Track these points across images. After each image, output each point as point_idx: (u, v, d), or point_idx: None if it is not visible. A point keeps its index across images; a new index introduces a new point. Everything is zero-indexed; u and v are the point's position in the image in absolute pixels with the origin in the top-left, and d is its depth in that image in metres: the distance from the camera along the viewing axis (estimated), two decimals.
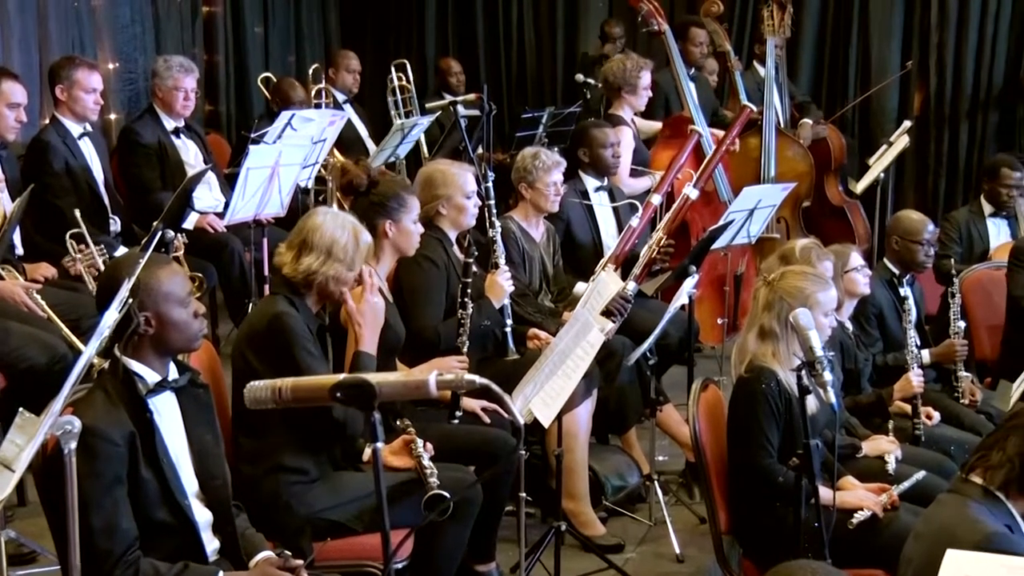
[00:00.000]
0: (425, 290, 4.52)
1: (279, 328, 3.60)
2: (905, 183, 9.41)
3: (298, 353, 3.58)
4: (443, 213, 4.70)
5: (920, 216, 5.33)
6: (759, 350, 3.86)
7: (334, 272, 3.70)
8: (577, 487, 4.77)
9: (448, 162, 4.98)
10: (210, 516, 3.15)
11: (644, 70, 6.55)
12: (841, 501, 3.75)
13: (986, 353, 5.83)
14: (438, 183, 4.70)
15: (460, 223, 4.74)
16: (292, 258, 3.71)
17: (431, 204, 4.67)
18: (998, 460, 2.78)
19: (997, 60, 9.16)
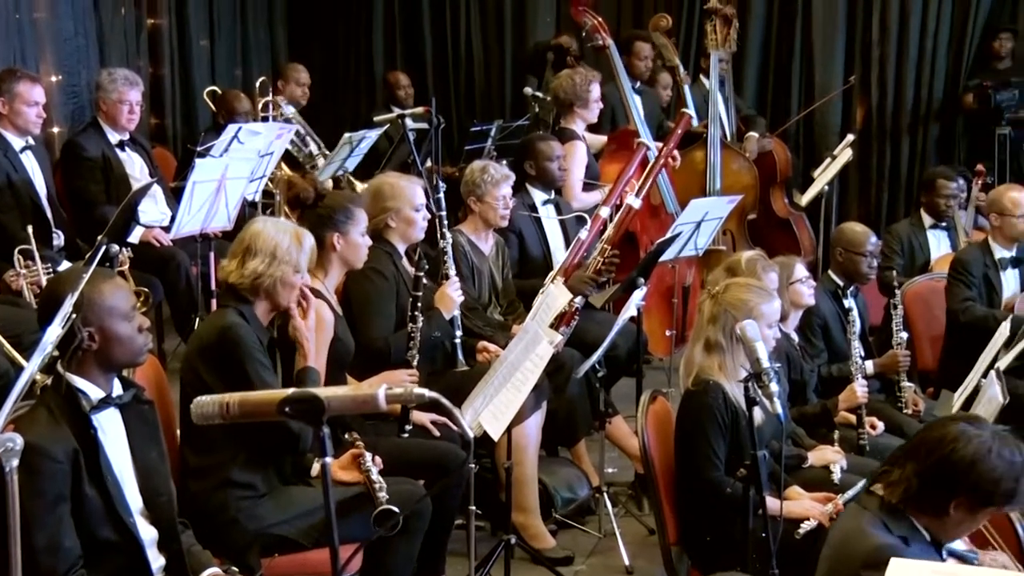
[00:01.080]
0: (374, 302, 4.50)
1: (230, 340, 3.57)
2: (849, 195, 9.51)
3: (250, 365, 3.55)
4: (392, 226, 4.68)
5: (863, 228, 5.39)
6: (705, 363, 3.88)
7: (280, 273, 3.68)
8: (527, 500, 4.77)
9: (397, 175, 4.97)
10: (155, 534, 3.11)
11: (594, 83, 6.58)
12: (788, 511, 3.78)
13: (928, 363, 5.91)
14: (387, 195, 4.69)
15: (409, 236, 4.72)
16: (237, 265, 3.70)
17: (380, 216, 4.65)
18: (898, 477, 2.80)
19: (936, 75, 9.30)
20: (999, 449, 2.70)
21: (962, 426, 2.76)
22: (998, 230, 5.71)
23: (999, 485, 2.70)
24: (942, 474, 2.72)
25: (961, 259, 5.78)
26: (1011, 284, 5.71)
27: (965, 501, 2.73)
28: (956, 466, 2.70)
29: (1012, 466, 2.70)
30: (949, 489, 2.72)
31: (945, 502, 2.74)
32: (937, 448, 2.74)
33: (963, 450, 2.70)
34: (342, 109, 10.46)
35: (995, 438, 2.73)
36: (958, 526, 2.80)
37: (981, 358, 4.66)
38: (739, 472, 3.40)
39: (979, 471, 2.69)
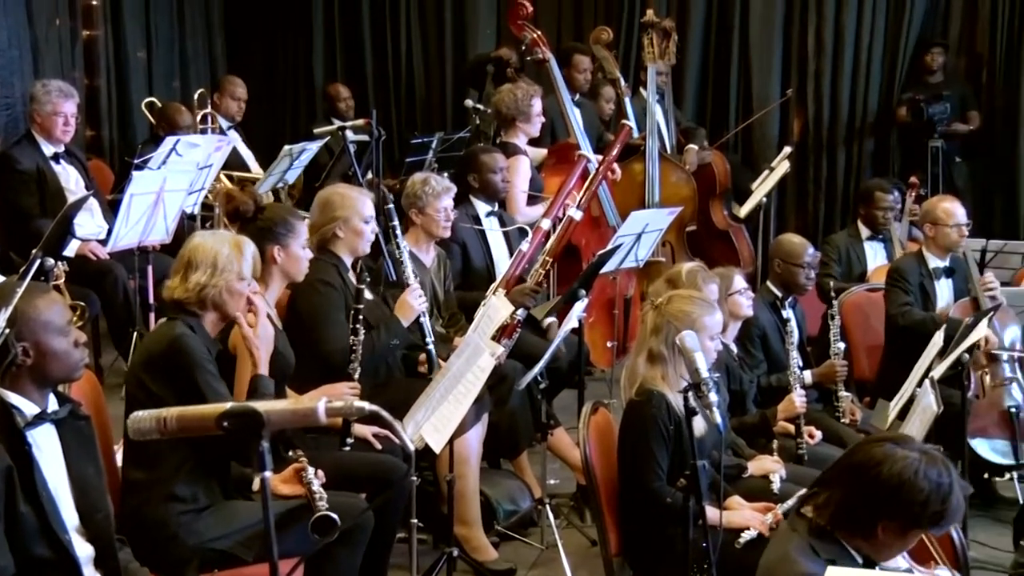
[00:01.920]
0: (326, 313, 4.48)
1: (179, 350, 3.54)
2: (786, 207, 9.63)
3: (200, 375, 3.52)
4: (340, 236, 4.66)
5: (800, 239, 5.46)
6: (648, 373, 3.91)
7: (224, 282, 3.66)
8: (469, 512, 4.76)
9: (347, 186, 4.96)
10: (91, 551, 3.07)
11: (535, 97, 6.60)
12: (728, 521, 3.80)
13: (865, 373, 5.99)
14: (336, 205, 4.67)
15: (356, 248, 4.70)
16: (180, 281, 3.68)
17: (328, 226, 4.64)
18: (825, 499, 2.79)
19: (871, 89, 9.44)
20: (926, 470, 2.67)
21: (888, 447, 2.73)
22: (932, 240, 5.79)
23: (926, 507, 2.67)
24: (868, 496, 2.70)
25: (898, 267, 5.87)
26: (945, 294, 5.78)
27: (892, 523, 2.71)
28: (882, 488, 2.67)
29: (939, 487, 2.67)
30: (876, 511, 2.70)
31: (872, 524, 2.71)
32: (863, 470, 2.72)
33: (889, 471, 2.67)
34: (282, 121, 10.41)
35: (922, 459, 2.70)
36: (889, 547, 2.78)
37: (916, 367, 4.72)
38: (680, 482, 3.42)
39: (905, 493, 2.66)
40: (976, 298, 5.60)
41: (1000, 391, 5.45)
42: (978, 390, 5.44)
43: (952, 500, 2.70)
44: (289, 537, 3.42)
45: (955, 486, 2.72)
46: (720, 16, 9.65)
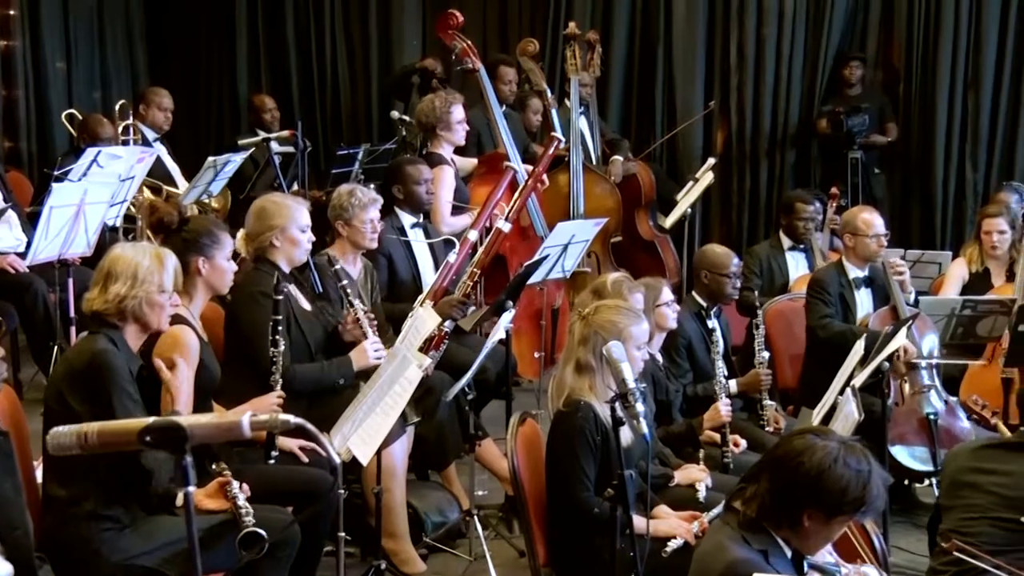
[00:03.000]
0: (266, 325, 4.42)
1: (99, 366, 3.49)
2: (711, 218, 9.72)
3: (116, 396, 3.46)
4: (276, 246, 4.63)
5: (725, 250, 5.53)
6: (576, 384, 3.92)
7: (144, 294, 3.62)
8: (396, 525, 4.74)
9: (283, 195, 4.94)
10: (10, 569, 3.01)
11: (455, 104, 6.59)
12: (655, 530, 3.84)
13: (788, 382, 6.06)
14: (272, 214, 4.64)
15: (293, 258, 4.68)
16: (99, 292, 3.63)
17: (264, 236, 4.62)
18: (752, 492, 2.88)
19: (792, 101, 9.58)
20: (845, 458, 2.78)
21: (809, 438, 2.84)
22: (851, 250, 5.88)
23: (846, 493, 2.77)
24: (792, 486, 2.80)
25: (818, 278, 5.95)
26: (865, 303, 5.87)
27: (816, 511, 2.80)
28: (804, 477, 2.77)
29: (859, 474, 2.78)
30: (800, 500, 2.79)
31: (798, 514, 2.80)
32: (786, 461, 2.82)
33: (810, 461, 2.77)
34: (206, 132, 10.31)
35: (841, 448, 2.80)
36: (815, 537, 2.86)
37: (838, 376, 4.79)
38: (607, 492, 3.44)
39: (826, 480, 2.76)
40: (896, 307, 5.71)
41: (919, 398, 5.56)
42: (897, 398, 5.54)
43: (872, 486, 2.80)
44: (215, 553, 3.39)
45: (874, 473, 2.82)
46: (644, 29, 9.73)
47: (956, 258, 6.72)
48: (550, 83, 8.57)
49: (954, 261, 6.72)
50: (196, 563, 2.28)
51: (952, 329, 5.77)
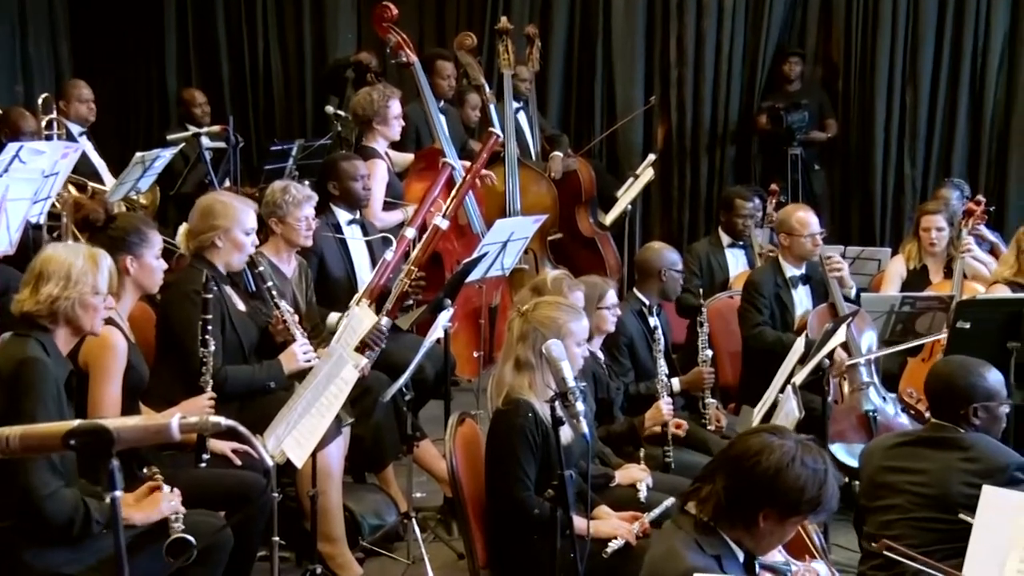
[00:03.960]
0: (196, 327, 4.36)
1: (27, 376, 3.41)
2: (651, 214, 9.78)
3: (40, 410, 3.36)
4: (218, 246, 4.59)
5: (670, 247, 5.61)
6: (516, 382, 3.92)
7: (77, 295, 3.56)
8: (333, 528, 4.71)
9: (230, 195, 4.88)
10: None
11: (392, 99, 6.56)
12: (595, 531, 3.85)
13: (729, 379, 6.11)
14: (218, 214, 4.59)
15: (232, 261, 4.64)
16: (30, 293, 3.56)
17: (207, 235, 4.57)
18: (707, 493, 2.88)
19: (732, 97, 9.67)
20: (802, 457, 2.79)
21: (766, 437, 2.84)
22: (787, 249, 5.93)
23: (804, 493, 2.78)
24: (749, 486, 2.80)
25: (753, 280, 5.99)
26: (803, 301, 5.93)
27: (773, 511, 2.81)
28: (761, 477, 2.78)
29: (816, 474, 2.79)
30: (756, 500, 2.80)
31: (754, 514, 2.81)
32: (742, 460, 2.82)
33: (767, 461, 2.78)
34: (134, 127, 10.17)
35: (798, 447, 2.82)
36: (769, 537, 2.87)
37: (778, 374, 4.84)
38: (547, 492, 3.44)
39: (783, 480, 2.77)
40: (834, 304, 5.77)
41: (858, 395, 5.64)
42: (837, 395, 5.61)
43: (828, 486, 2.83)
44: (143, 560, 3.35)
45: (830, 473, 2.85)
46: (583, 23, 9.76)
47: (895, 255, 6.80)
48: (488, 78, 8.56)
49: (893, 258, 6.80)
50: (123, 571, 2.24)
51: (891, 326, 5.83)
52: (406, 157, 7.16)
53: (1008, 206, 9.15)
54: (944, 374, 4.00)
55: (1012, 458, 3.82)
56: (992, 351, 4.93)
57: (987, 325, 5.01)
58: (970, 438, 3.85)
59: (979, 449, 3.83)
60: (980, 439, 3.85)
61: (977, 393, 3.86)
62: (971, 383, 3.87)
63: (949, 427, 3.88)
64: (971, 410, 3.84)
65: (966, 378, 3.89)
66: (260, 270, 4.77)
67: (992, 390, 3.89)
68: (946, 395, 3.92)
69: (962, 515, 3.58)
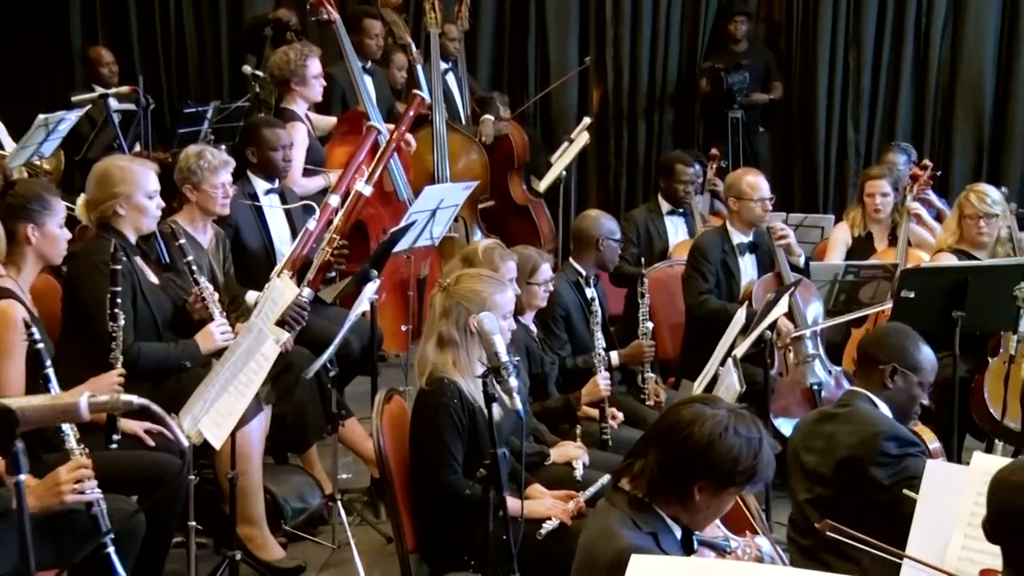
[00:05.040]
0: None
1: None
2: (587, 181, 9.81)
3: None
4: (121, 214, 4.54)
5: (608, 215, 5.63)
6: (439, 360, 3.92)
7: None
8: (253, 511, 4.71)
9: (127, 158, 4.82)
10: None
11: (311, 58, 6.48)
12: (529, 511, 3.88)
13: (668, 352, 6.16)
14: (116, 180, 4.54)
15: (141, 226, 4.61)
16: None
17: (107, 204, 4.53)
18: (640, 468, 2.91)
19: (671, 57, 9.71)
20: (735, 427, 2.83)
21: (697, 407, 2.88)
22: (736, 215, 5.96)
23: (738, 463, 2.82)
24: (682, 458, 2.83)
25: (699, 245, 6.03)
26: (749, 270, 5.97)
27: (707, 483, 2.84)
28: (694, 448, 2.81)
29: (750, 443, 2.83)
30: (690, 473, 2.83)
31: (688, 487, 2.84)
32: (674, 432, 2.86)
33: (700, 431, 2.81)
34: (35, 89, 9.96)
35: (731, 416, 2.85)
36: (706, 511, 2.90)
37: (719, 346, 4.88)
38: (478, 473, 3.45)
39: (717, 451, 2.81)
40: (780, 274, 5.83)
41: (803, 368, 5.71)
42: (781, 368, 5.68)
43: (763, 455, 2.87)
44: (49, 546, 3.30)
45: (764, 442, 2.89)
46: None
47: (839, 222, 6.88)
48: (415, 37, 8.50)
49: (837, 225, 6.88)
50: (29, 559, 2.22)
51: (835, 295, 5.92)
52: (328, 120, 7.10)
53: (953, 171, 9.31)
54: (882, 330, 4.06)
55: (886, 426, 3.75)
56: (937, 321, 5.03)
57: (932, 294, 5.08)
58: (856, 407, 3.82)
59: (857, 416, 3.79)
60: (860, 408, 3.81)
61: (903, 357, 3.84)
62: (902, 344, 3.87)
63: (859, 393, 3.86)
64: (889, 369, 3.81)
65: (900, 339, 3.90)
66: (181, 243, 4.72)
67: (919, 362, 3.85)
68: (873, 348, 3.92)
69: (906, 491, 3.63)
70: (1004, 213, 5.83)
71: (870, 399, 3.84)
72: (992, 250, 5.81)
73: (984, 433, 5.57)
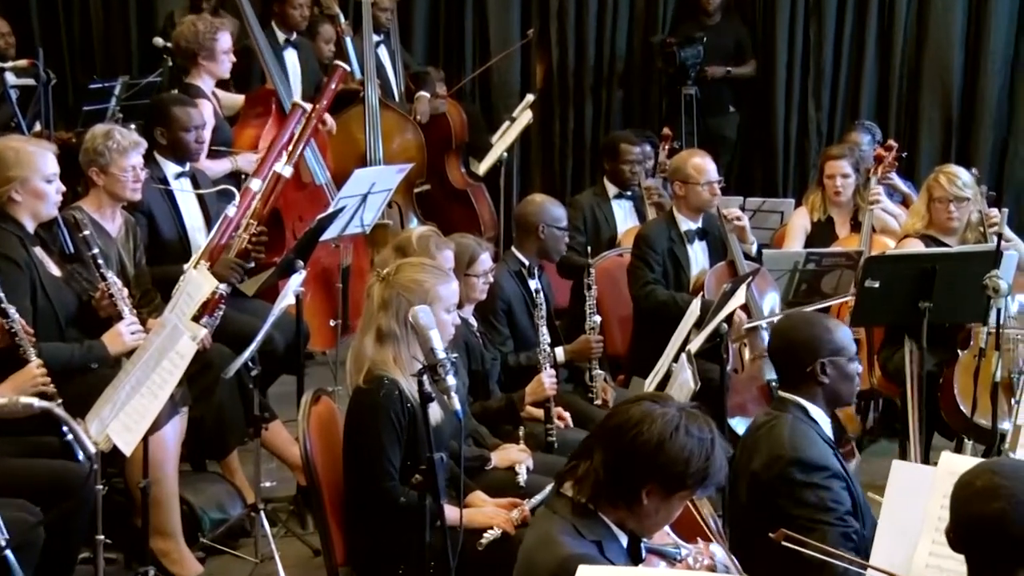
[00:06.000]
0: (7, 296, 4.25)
1: None
2: (531, 163, 9.81)
3: None
4: (17, 200, 4.53)
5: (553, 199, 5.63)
6: (378, 356, 3.91)
7: None
8: (167, 523, 4.68)
9: (23, 139, 4.80)
10: None
11: (221, 31, 6.43)
12: (469, 520, 3.87)
13: (618, 347, 6.17)
14: (11, 163, 4.54)
15: (39, 212, 4.60)
16: None
17: (2, 189, 4.51)
18: (584, 471, 2.91)
19: (619, 29, 9.72)
20: (687, 426, 2.84)
21: (647, 405, 2.89)
22: (682, 200, 5.98)
23: (689, 465, 2.83)
24: (630, 459, 2.84)
25: (644, 234, 6.04)
26: (699, 258, 5.99)
27: (657, 487, 2.85)
28: (643, 449, 2.82)
29: (702, 443, 2.85)
30: (639, 475, 2.84)
31: (636, 490, 2.85)
32: (621, 432, 2.86)
33: (649, 431, 2.82)
34: None
35: (682, 415, 2.87)
36: (655, 517, 2.92)
37: (671, 341, 4.90)
38: (414, 478, 3.44)
39: (667, 451, 2.82)
40: (733, 262, 5.86)
41: (760, 363, 5.74)
42: (737, 364, 5.71)
43: (716, 457, 2.88)
44: None
45: (717, 443, 2.90)
46: None
47: (799, 207, 6.92)
48: (344, 7, 8.46)
49: (796, 210, 6.93)
50: None
51: (795, 286, 5.95)
52: (235, 99, 7.04)
53: (920, 151, 9.38)
54: (782, 330, 3.90)
55: (795, 452, 3.59)
56: (903, 312, 5.09)
57: (898, 283, 5.13)
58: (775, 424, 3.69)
59: (774, 433, 3.67)
60: (779, 424, 3.69)
61: (823, 346, 3.72)
62: (814, 335, 3.74)
63: (788, 401, 3.75)
64: (818, 366, 3.69)
65: (808, 330, 3.78)
66: (85, 234, 4.68)
67: (839, 343, 3.75)
68: (789, 353, 3.78)
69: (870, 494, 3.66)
70: (975, 197, 5.88)
71: (800, 406, 3.72)
72: (962, 236, 5.87)
73: (954, 432, 5.65)
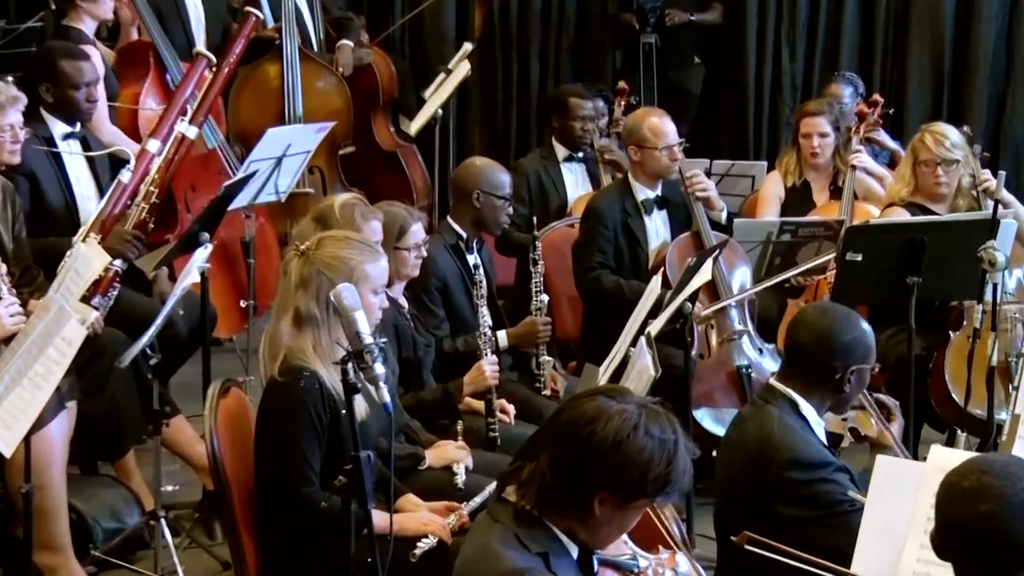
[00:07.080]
0: None
1: None
2: (469, 121, 9.81)
3: None
4: None
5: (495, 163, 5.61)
6: (296, 343, 3.89)
7: None
8: (54, 534, 4.65)
9: None
10: None
11: None
12: (400, 527, 3.87)
13: (568, 331, 6.20)
14: None
15: None
16: None
17: None
18: (530, 474, 2.89)
19: None
20: (647, 425, 2.82)
21: (602, 401, 2.86)
22: (638, 166, 5.98)
23: (649, 469, 2.81)
24: (581, 463, 2.82)
25: (592, 207, 6.05)
26: (660, 230, 6.01)
27: (611, 494, 2.83)
28: (596, 451, 2.80)
29: (663, 445, 2.82)
30: (591, 481, 2.82)
31: (588, 498, 2.83)
32: (573, 431, 2.83)
33: (603, 430, 2.79)
34: None
35: (642, 412, 2.84)
36: (608, 527, 2.90)
37: (629, 323, 4.90)
38: (338, 481, 3.43)
39: (624, 454, 2.79)
40: (699, 233, 5.88)
41: (728, 347, 5.78)
42: (703, 348, 5.73)
43: (678, 461, 2.85)
44: None
45: (680, 444, 2.87)
46: None
47: (772, 171, 6.92)
48: None
49: (768, 175, 6.92)
50: None
51: (768, 259, 5.97)
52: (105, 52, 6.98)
53: (908, 107, 9.47)
54: (823, 327, 3.84)
55: (789, 454, 3.67)
56: (889, 288, 5.12)
57: (882, 256, 5.16)
58: (762, 419, 3.76)
59: (760, 432, 3.74)
60: (765, 419, 3.75)
61: (856, 354, 3.77)
62: (855, 338, 3.78)
63: (779, 393, 3.79)
64: (849, 374, 3.75)
65: (851, 333, 3.79)
66: None
67: (870, 349, 3.82)
68: (819, 352, 3.78)
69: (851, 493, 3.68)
70: (966, 159, 5.90)
71: (791, 400, 3.76)
72: (952, 203, 5.90)
73: (945, 423, 5.70)
